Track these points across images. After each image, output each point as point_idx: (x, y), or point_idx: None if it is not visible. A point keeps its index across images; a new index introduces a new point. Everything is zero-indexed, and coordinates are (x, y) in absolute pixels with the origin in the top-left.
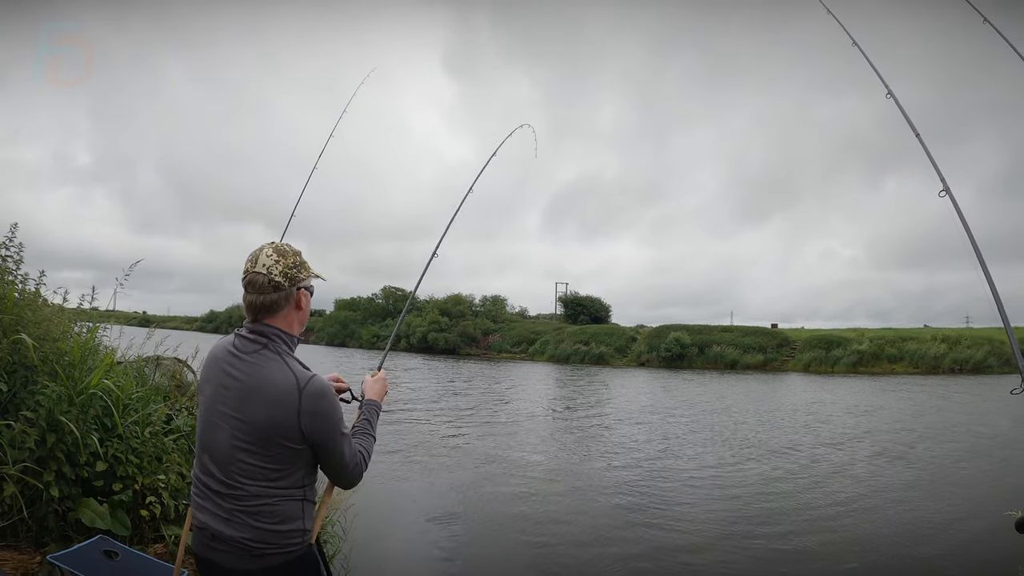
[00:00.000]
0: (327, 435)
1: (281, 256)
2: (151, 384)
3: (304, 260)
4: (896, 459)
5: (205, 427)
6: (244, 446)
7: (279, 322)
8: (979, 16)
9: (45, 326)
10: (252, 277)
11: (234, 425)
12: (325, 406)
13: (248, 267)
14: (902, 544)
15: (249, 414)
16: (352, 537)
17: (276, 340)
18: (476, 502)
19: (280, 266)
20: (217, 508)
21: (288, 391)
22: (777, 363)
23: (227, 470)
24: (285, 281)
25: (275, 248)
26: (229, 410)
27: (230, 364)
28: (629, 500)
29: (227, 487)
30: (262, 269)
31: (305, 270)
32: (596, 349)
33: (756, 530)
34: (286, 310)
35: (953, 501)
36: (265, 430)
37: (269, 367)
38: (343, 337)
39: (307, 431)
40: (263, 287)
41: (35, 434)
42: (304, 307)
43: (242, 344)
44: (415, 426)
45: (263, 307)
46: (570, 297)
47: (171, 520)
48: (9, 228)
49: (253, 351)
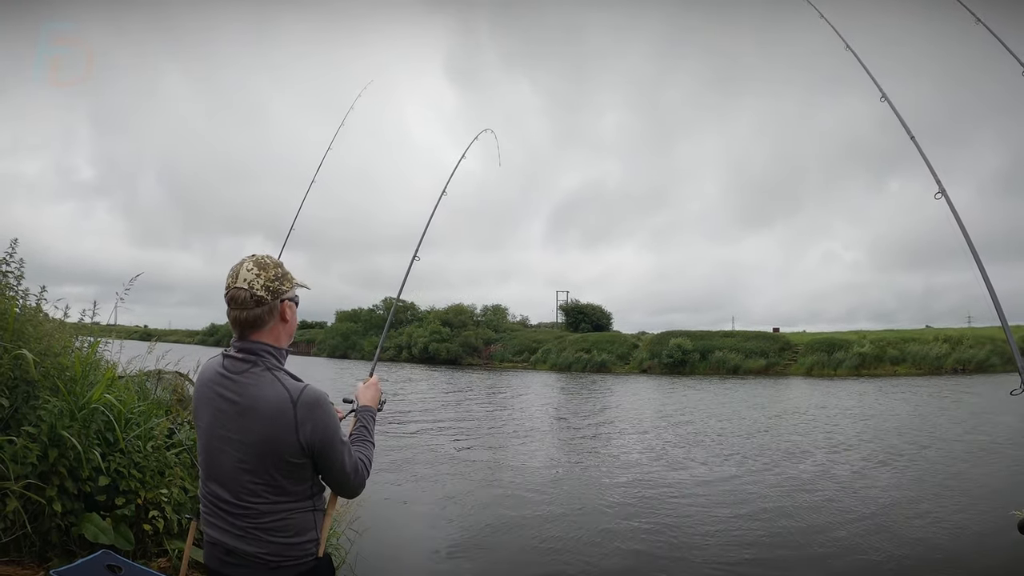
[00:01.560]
0: (326, 444)
1: (262, 269)
2: (153, 398)
3: (286, 271)
4: (898, 462)
5: (208, 452)
6: (248, 466)
7: (266, 336)
8: (972, 17)
9: (46, 341)
10: (234, 293)
11: (235, 447)
12: (320, 415)
13: (229, 283)
14: (907, 545)
15: (247, 434)
16: (356, 549)
17: (265, 356)
18: (481, 513)
19: (261, 279)
20: (230, 527)
21: (282, 406)
22: (779, 367)
23: (235, 491)
24: (267, 295)
25: (255, 261)
26: (228, 433)
27: (222, 386)
28: (641, 515)
29: (238, 507)
30: (243, 284)
31: (288, 281)
32: (598, 357)
33: (767, 540)
34: (271, 324)
35: (959, 502)
36: (265, 448)
37: (260, 384)
38: (345, 349)
39: (305, 443)
40: (245, 302)
41: (37, 449)
42: (290, 319)
43: (231, 364)
44: (418, 437)
45: (248, 322)
46: (571, 305)
47: (174, 534)
48: (9, 244)
49: (243, 370)
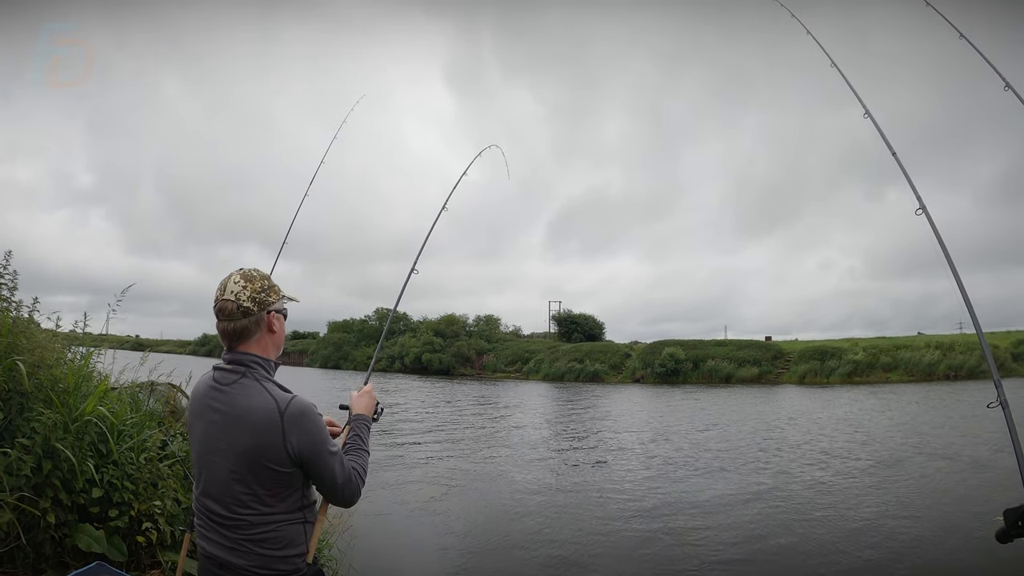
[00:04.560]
0: (314, 453)
1: (248, 281)
2: (145, 410)
3: (273, 284)
4: (889, 469)
5: (200, 464)
6: (237, 477)
7: (254, 348)
8: (955, 32)
9: (39, 353)
10: (222, 304)
11: (226, 458)
12: (308, 424)
13: (217, 295)
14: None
15: (236, 444)
16: (348, 560)
17: (254, 367)
18: (474, 524)
19: (248, 291)
20: (222, 539)
21: (270, 415)
22: (772, 376)
23: (226, 503)
24: (254, 306)
25: (242, 274)
26: (219, 444)
27: (213, 398)
28: (635, 526)
29: (229, 519)
30: (230, 296)
31: (274, 293)
32: (591, 366)
33: (766, 547)
34: (258, 335)
35: (946, 510)
36: (254, 457)
37: (248, 395)
38: (337, 359)
39: (294, 452)
40: (232, 313)
41: (31, 461)
42: (277, 330)
43: (221, 376)
44: (410, 448)
45: (235, 333)
46: (563, 315)
47: (168, 546)
48: (3, 256)
49: (232, 381)
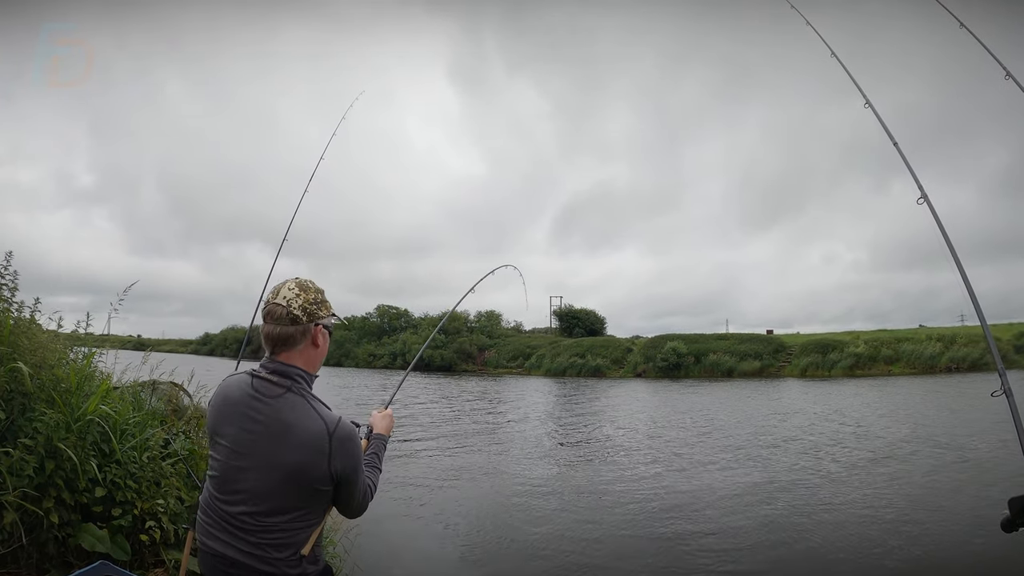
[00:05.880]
0: (353, 475)
1: (303, 291)
2: (148, 409)
3: (326, 299)
4: (894, 461)
5: (225, 469)
6: (272, 488)
7: (297, 359)
8: (956, 22)
9: (41, 353)
10: (271, 308)
11: (262, 468)
12: (353, 448)
13: (269, 298)
14: (903, 547)
15: (276, 457)
16: (353, 559)
17: (299, 381)
18: (479, 521)
19: (300, 300)
20: (239, 542)
21: (319, 436)
22: (773, 369)
23: (252, 511)
24: (303, 315)
25: (298, 283)
26: (256, 453)
27: (252, 408)
28: (640, 524)
29: (252, 525)
30: (282, 301)
31: (325, 308)
32: (592, 361)
33: (769, 545)
34: (302, 345)
35: (952, 500)
36: (295, 473)
37: (296, 411)
38: (338, 357)
39: (336, 473)
40: (281, 318)
41: (34, 461)
42: (321, 345)
43: (263, 387)
44: (413, 445)
45: (279, 339)
46: (565, 310)
47: (171, 544)
48: (4, 256)
49: (277, 394)
